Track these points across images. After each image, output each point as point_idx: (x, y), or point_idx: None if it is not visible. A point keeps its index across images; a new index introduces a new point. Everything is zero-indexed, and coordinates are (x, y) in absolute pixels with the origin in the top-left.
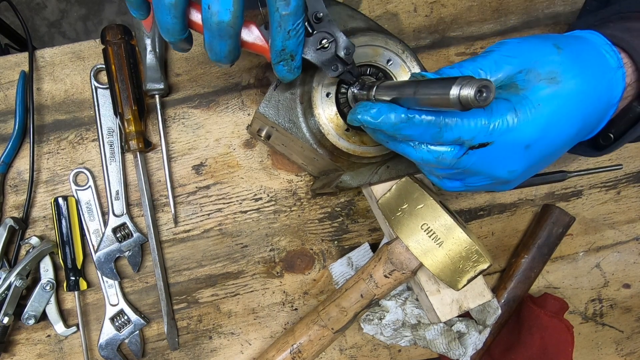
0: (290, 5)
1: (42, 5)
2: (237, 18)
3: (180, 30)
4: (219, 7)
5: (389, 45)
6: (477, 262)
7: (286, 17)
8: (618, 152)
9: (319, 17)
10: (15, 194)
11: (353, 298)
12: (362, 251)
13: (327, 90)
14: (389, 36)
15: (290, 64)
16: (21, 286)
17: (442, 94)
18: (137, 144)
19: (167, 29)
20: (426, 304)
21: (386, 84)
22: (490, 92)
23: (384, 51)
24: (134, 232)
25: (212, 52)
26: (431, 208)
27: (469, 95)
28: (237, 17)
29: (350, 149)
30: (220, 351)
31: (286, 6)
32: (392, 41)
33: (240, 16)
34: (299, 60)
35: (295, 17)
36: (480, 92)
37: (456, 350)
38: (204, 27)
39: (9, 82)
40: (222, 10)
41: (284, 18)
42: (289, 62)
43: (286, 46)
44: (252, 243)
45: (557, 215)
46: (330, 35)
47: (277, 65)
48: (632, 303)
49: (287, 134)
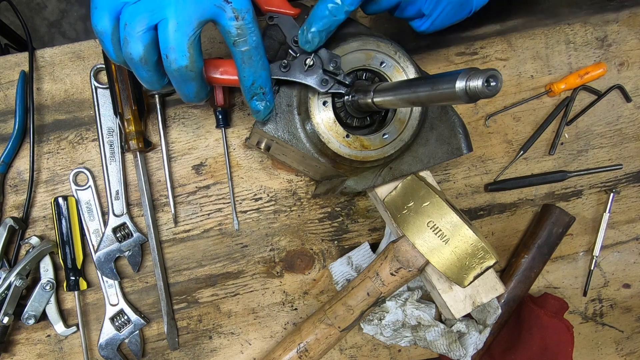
0: (249, 41)
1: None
2: (194, 62)
3: (159, 80)
4: (175, 55)
5: (381, 47)
6: (483, 258)
7: (247, 52)
8: (618, 152)
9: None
10: (15, 194)
11: (359, 296)
12: (362, 251)
13: (323, 99)
14: (381, 39)
15: (262, 98)
16: (21, 286)
17: (446, 88)
18: (137, 144)
19: (147, 82)
20: (439, 301)
21: (384, 85)
22: (498, 81)
23: (376, 54)
24: (134, 232)
25: (182, 95)
26: (437, 206)
27: (477, 87)
28: (195, 61)
29: (352, 155)
30: (220, 351)
31: (244, 43)
32: (383, 43)
33: (199, 59)
34: (270, 93)
35: (257, 50)
36: (487, 82)
37: (457, 351)
38: (168, 75)
39: (9, 82)
40: (179, 57)
41: (246, 54)
42: (261, 97)
43: (255, 80)
44: (252, 243)
45: (557, 215)
46: (311, 53)
47: (251, 101)
48: (632, 303)
49: (286, 145)
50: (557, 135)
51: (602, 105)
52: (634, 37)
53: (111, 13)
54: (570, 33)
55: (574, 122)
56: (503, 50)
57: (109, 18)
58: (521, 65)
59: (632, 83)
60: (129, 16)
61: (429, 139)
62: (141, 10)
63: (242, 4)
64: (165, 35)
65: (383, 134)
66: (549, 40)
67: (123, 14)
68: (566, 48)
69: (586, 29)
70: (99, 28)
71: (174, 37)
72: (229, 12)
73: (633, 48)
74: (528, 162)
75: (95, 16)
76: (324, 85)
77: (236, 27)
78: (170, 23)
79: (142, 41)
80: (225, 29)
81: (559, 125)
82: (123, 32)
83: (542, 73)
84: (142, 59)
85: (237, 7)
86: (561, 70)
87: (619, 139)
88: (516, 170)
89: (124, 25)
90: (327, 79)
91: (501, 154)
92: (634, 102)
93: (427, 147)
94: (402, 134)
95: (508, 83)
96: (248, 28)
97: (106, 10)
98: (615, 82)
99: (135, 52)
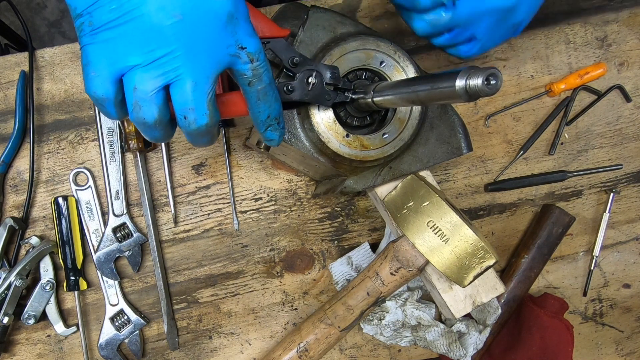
0: (263, 79)
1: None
2: (213, 118)
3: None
4: (195, 115)
5: (381, 47)
6: (483, 258)
7: (262, 90)
8: (618, 152)
9: (295, 62)
10: (15, 193)
11: (359, 296)
12: (362, 251)
13: None
14: (380, 38)
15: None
16: (21, 286)
17: (446, 87)
18: (137, 144)
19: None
20: (439, 301)
21: (384, 84)
22: (498, 79)
23: (376, 54)
24: (134, 232)
25: (196, 145)
26: (437, 205)
27: (477, 85)
28: (214, 117)
29: (352, 155)
30: (220, 351)
31: (260, 82)
32: (383, 43)
33: (216, 112)
34: (282, 121)
35: (271, 86)
36: (487, 80)
37: (457, 351)
38: (188, 137)
39: (9, 82)
40: (199, 118)
41: (261, 92)
42: (276, 126)
43: (270, 114)
44: (252, 243)
45: (557, 215)
46: (311, 70)
47: (266, 132)
48: (632, 303)
49: (286, 145)
50: (557, 135)
51: (602, 105)
52: (634, 37)
53: (113, 77)
54: (570, 33)
55: (574, 122)
56: (503, 50)
57: (111, 83)
58: (521, 65)
59: (632, 83)
60: (139, 79)
61: (428, 139)
62: (152, 73)
63: (256, 47)
64: (183, 96)
65: (383, 133)
66: (549, 40)
67: (130, 78)
68: (566, 48)
69: (586, 29)
70: (99, 95)
71: (192, 97)
72: (244, 58)
73: (633, 48)
74: (528, 162)
75: (95, 83)
76: (327, 100)
77: (252, 70)
78: (187, 83)
79: (156, 103)
80: (240, 72)
81: (559, 125)
82: (132, 97)
83: (542, 73)
84: (156, 122)
85: (252, 50)
86: (561, 70)
87: (619, 139)
88: (516, 170)
89: (133, 89)
90: (330, 92)
91: (501, 154)
92: (634, 102)
93: (427, 147)
94: (402, 133)
95: (508, 83)
96: (262, 67)
97: (108, 74)
98: (615, 82)
99: (149, 116)
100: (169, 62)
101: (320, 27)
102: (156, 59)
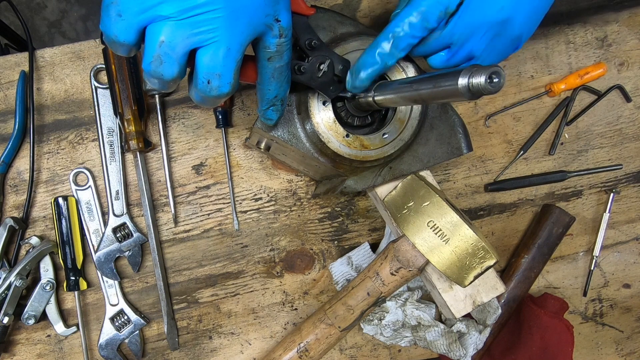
0: (284, 57)
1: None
2: (235, 87)
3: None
4: (220, 82)
5: None
6: (483, 258)
7: (279, 68)
8: (618, 152)
9: (313, 45)
10: (15, 194)
11: (360, 296)
12: (362, 251)
13: (323, 99)
14: None
15: (279, 108)
16: (21, 286)
17: (448, 85)
18: (137, 144)
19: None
20: (439, 301)
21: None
22: (501, 77)
23: None
24: (134, 232)
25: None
26: (437, 205)
27: (480, 83)
28: (235, 86)
29: (352, 155)
30: (220, 351)
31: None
32: None
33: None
34: (285, 102)
35: (287, 66)
36: (490, 78)
37: (457, 351)
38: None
39: (9, 82)
40: (223, 85)
41: (277, 69)
42: (278, 107)
43: (278, 94)
44: (252, 243)
45: (557, 215)
46: (325, 57)
47: (267, 111)
48: (632, 303)
49: (286, 145)
50: (557, 135)
51: (602, 105)
52: (634, 37)
53: (140, 25)
54: (570, 33)
55: (574, 122)
56: None
57: (135, 31)
58: (521, 65)
59: (632, 83)
60: (170, 34)
61: (428, 139)
62: (186, 30)
63: (289, 22)
64: (213, 61)
65: (383, 133)
66: (549, 40)
67: (157, 29)
68: (566, 48)
69: (586, 29)
70: (119, 39)
71: (222, 63)
72: (275, 31)
73: (633, 48)
74: (528, 162)
75: (119, 27)
76: (332, 91)
77: (277, 45)
78: (221, 48)
79: (179, 62)
80: (266, 45)
81: (559, 125)
82: (155, 49)
83: (542, 73)
84: (172, 80)
85: (284, 25)
86: (561, 70)
87: (619, 139)
88: (516, 170)
89: (159, 42)
90: (336, 83)
91: (501, 154)
92: (634, 102)
93: (427, 147)
94: (402, 133)
95: (508, 83)
96: (286, 45)
97: (136, 21)
98: (615, 82)
99: (168, 74)
100: (207, 22)
101: (320, 27)
102: (193, 15)
